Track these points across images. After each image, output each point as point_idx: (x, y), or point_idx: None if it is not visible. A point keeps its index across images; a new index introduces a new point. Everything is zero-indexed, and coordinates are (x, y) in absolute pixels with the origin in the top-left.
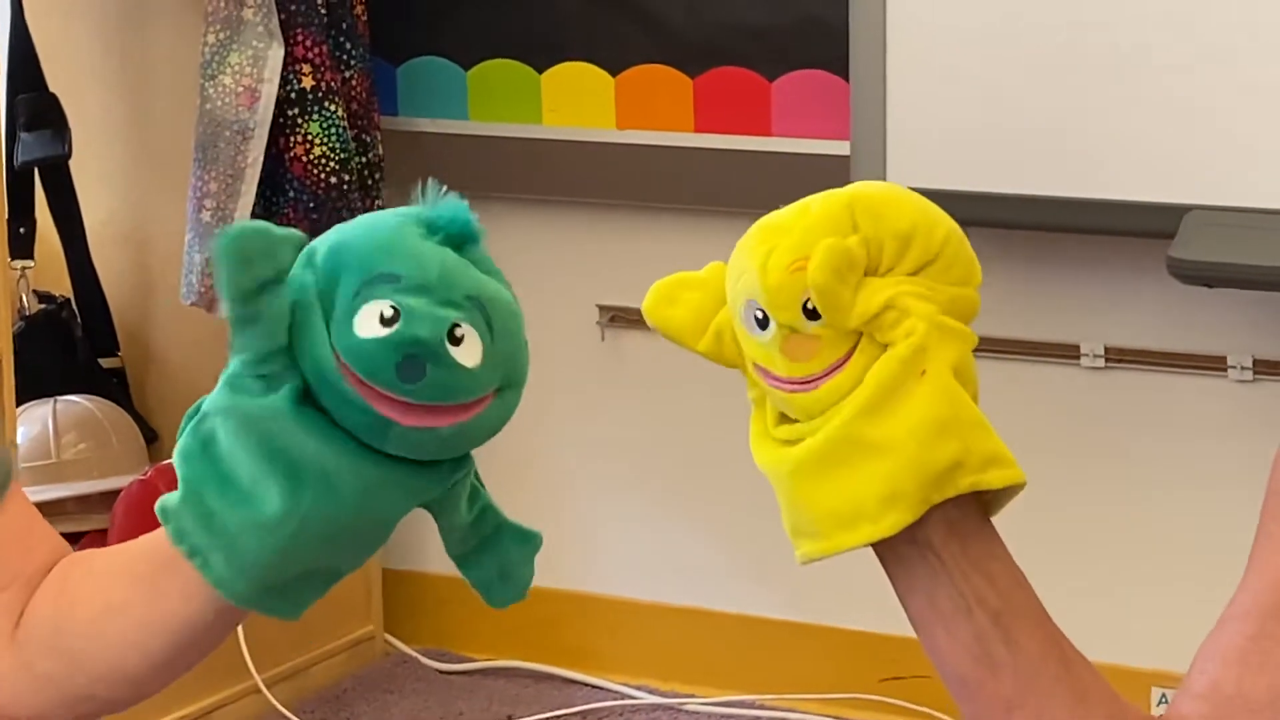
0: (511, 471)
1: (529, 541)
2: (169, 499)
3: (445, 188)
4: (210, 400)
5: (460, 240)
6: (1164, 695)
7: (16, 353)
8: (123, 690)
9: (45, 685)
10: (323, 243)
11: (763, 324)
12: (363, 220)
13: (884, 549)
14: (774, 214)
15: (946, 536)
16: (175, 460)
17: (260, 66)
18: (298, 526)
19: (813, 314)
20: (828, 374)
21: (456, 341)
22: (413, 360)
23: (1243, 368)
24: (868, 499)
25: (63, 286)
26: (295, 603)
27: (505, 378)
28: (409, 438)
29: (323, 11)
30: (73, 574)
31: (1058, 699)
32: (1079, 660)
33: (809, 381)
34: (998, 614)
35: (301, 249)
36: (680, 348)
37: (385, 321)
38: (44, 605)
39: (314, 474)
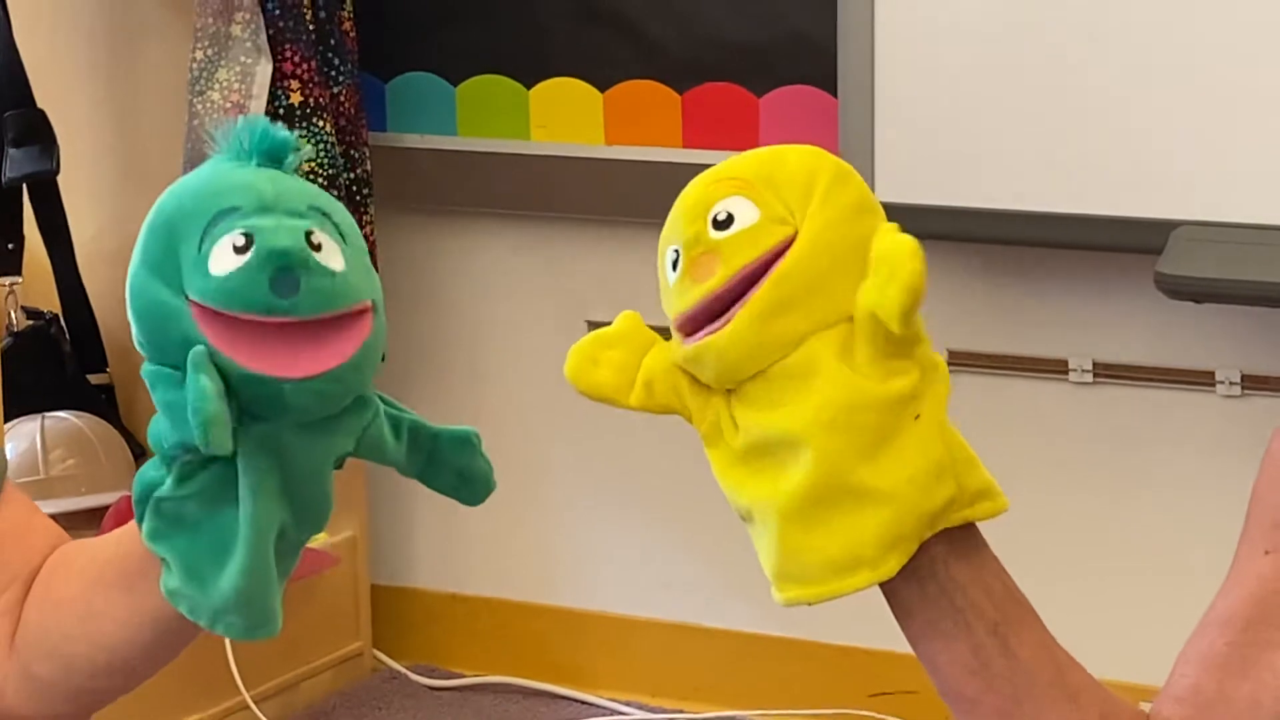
0: (500, 487)
1: (467, 441)
2: (170, 581)
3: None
4: (167, 490)
5: (278, 155)
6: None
7: (4, 369)
8: (119, 680)
9: (45, 688)
10: (143, 229)
11: (676, 265)
12: (173, 187)
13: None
14: None
15: (944, 556)
16: (152, 546)
17: (248, 82)
18: (269, 530)
19: (722, 224)
20: (729, 310)
21: (316, 249)
22: (284, 273)
23: (1231, 382)
24: (866, 545)
25: (51, 302)
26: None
27: (371, 289)
28: (302, 393)
29: (311, 27)
30: (55, 579)
31: (1051, 703)
32: (1070, 663)
33: (716, 319)
34: (995, 625)
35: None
36: (614, 407)
37: (240, 250)
38: (34, 610)
39: (249, 473)
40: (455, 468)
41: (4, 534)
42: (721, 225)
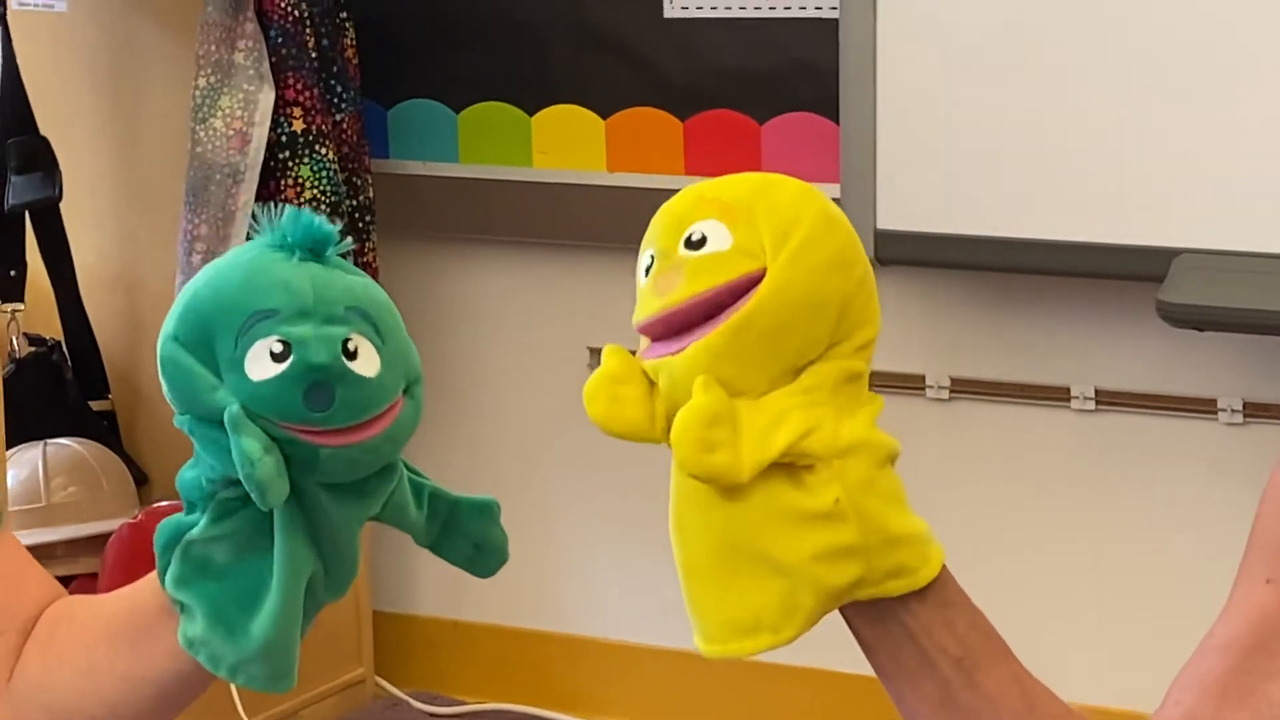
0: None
1: (488, 510)
2: (191, 629)
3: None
4: (199, 531)
5: (319, 249)
6: None
7: (6, 395)
8: None
9: None
10: (177, 308)
11: (649, 271)
12: (211, 269)
13: (844, 608)
14: None
15: (904, 600)
16: (175, 592)
17: (251, 110)
18: (300, 577)
19: (694, 245)
20: (685, 329)
21: (352, 356)
22: (318, 387)
23: (1233, 410)
24: (767, 610)
25: (53, 329)
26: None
27: (406, 375)
28: (336, 459)
29: (314, 55)
30: (58, 630)
31: None
32: (1044, 694)
33: (670, 338)
34: (959, 660)
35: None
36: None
37: (277, 358)
38: (32, 660)
39: (284, 542)
40: (472, 536)
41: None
42: (694, 245)
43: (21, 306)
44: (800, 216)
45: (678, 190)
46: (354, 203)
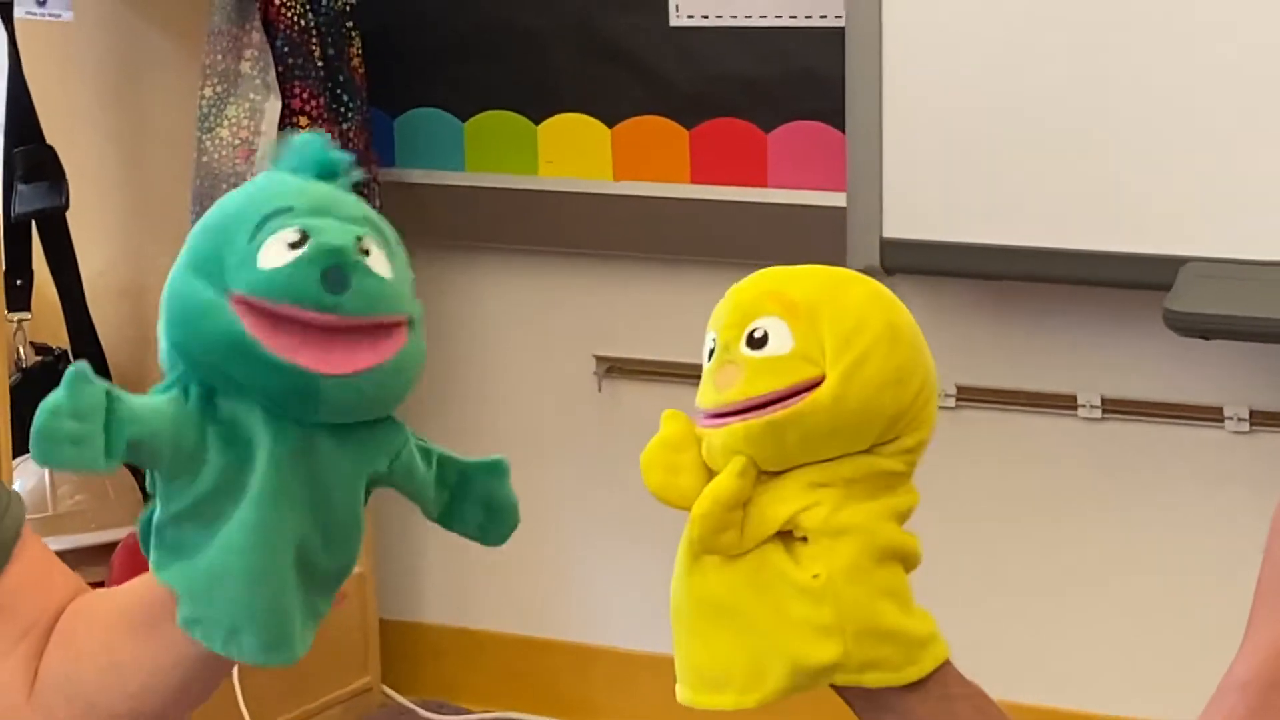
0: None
1: (497, 468)
2: (183, 610)
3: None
4: (159, 516)
5: (330, 172)
6: None
7: (13, 405)
8: None
9: None
10: (189, 237)
11: (712, 354)
12: (227, 194)
13: (840, 690)
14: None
15: (901, 694)
16: (159, 577)
17: (257, 119)
18: (273, 536)
19: (755, 343)
20: (738, 413)
21: (365, 254)
22: (335, 270)
23: (1239, 419)
24: (735, 668)
25: (60, 338)
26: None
27: (413, 304)
28: (338, 388)
29: (320, 64)
30: (78, 626)
31: None
32: None
33: (720, 416)
34: None
35: (76, 376)
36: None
37: (294, 245)
38: (54, 659)
39: (263, 471)
40: (483, 498)
41: (23, 583)
42: (755, 343)
43: (28, 316)
44: (864, 326)
45: (683, 199)
46: None
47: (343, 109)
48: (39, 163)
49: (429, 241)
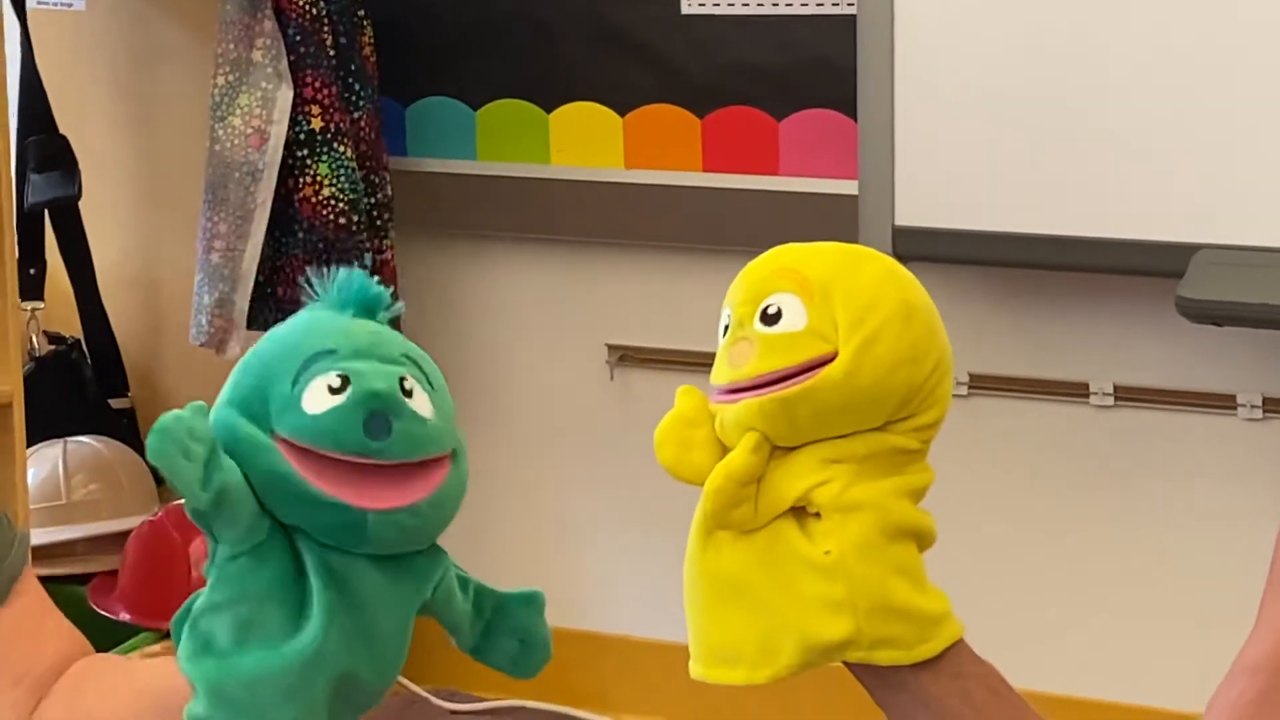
0: (521, 511)
1: (534, 601)
2: (194, 708)
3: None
4: (202, 601)
5: (372, 308)
6: None
7: (26, 394)
8: None
9: None
10: (232, 375)
11: (727, 330)
12: (268, 334)
13: (854, 668)
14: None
15: (915, 673)
16: (183, 667)
17: (269, 108)
18: (321, 669)
19: (769, 319)
20: (751, 389)
21: (407, 395)
22: (376, 416)
23: (1252, 406)
24: (746, 645)
25: (73, 327)
26: None
27: (455, 438)
28: (385, 524)
29: (332, 53)
30: (86, 688)
31: None
32: None
33: (734, 392)
34: None
35: (199, 407)
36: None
37: (335, 391)
38: (57, 715)
39: (320, 607)
40: (518, 631)
41: (18, 628)
42: (769, 320)
43: (41, 305)
44: (878, 303)
45: (695, 187)
46: (372, 200)
47: (354, 98)
48: (52, 152)
49: (440, 230)
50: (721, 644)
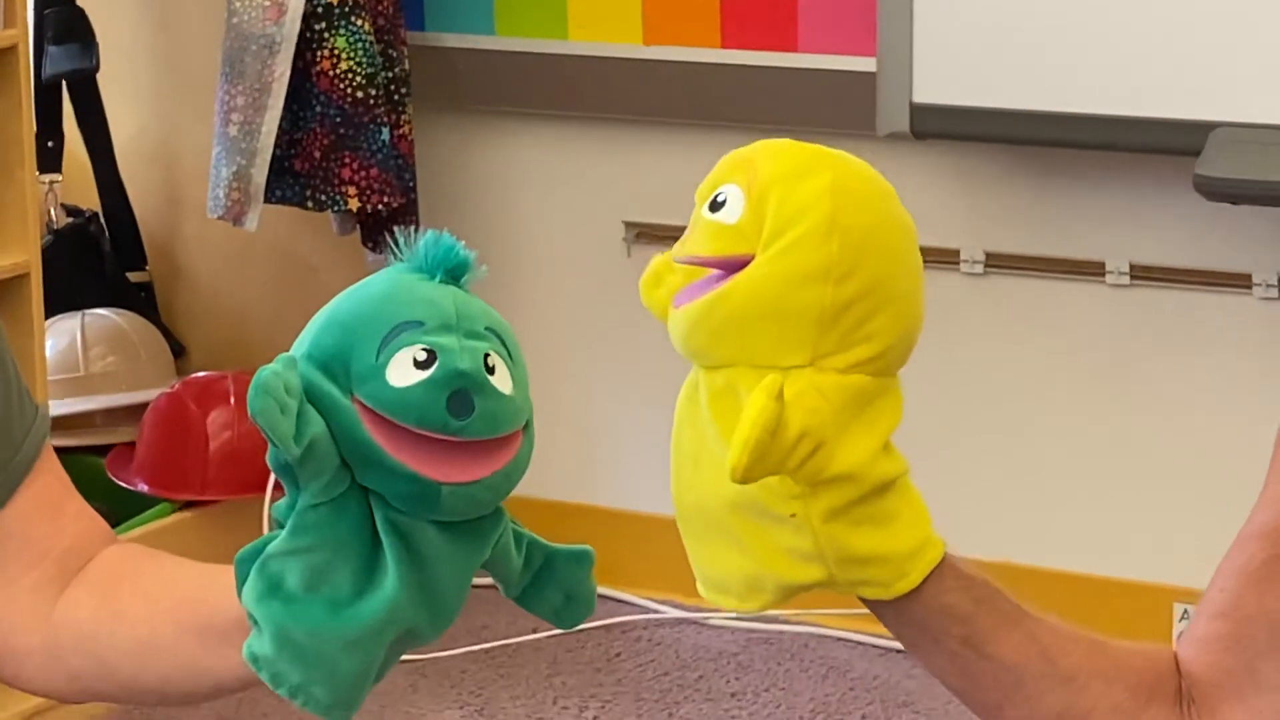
0: (538, 387)
1: (584, 559)
2: (258, 646)
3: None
4: (277, 544)
5: (458, 273)
6: (1186, 611)
7: (45, 266)
8: (145, 701)
9: (72, 679)
10: (311, 329)
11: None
12: (352, 290)
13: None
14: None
15: (900, 599)
16: (248, 605)
17: None
18: (390, 628)
19: (715, 205)
20: (689, 294)
21: (490, 371)
22: (461, 395)
23: (1268, 285)
24: (732, 579)
25: (91, 200)
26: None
27: (529, 409)
28: (457, 497)
29: None
30: (121, 588)
31: (1047, 690)
32: (1065, 646)
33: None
34: (965, 639)
35: (290, 359)
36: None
37: (420, 365)
38: (85, 606)
39: (396, 571)
40: (564, 586)
41: (38, 509)
42: (714, 206)
43: (59, 178)
44: (804, 215)
45: (714, 64)
46: (389, 74)
47: None
48: (69, 24)
49: (458, 106)
50: (713, 574)
